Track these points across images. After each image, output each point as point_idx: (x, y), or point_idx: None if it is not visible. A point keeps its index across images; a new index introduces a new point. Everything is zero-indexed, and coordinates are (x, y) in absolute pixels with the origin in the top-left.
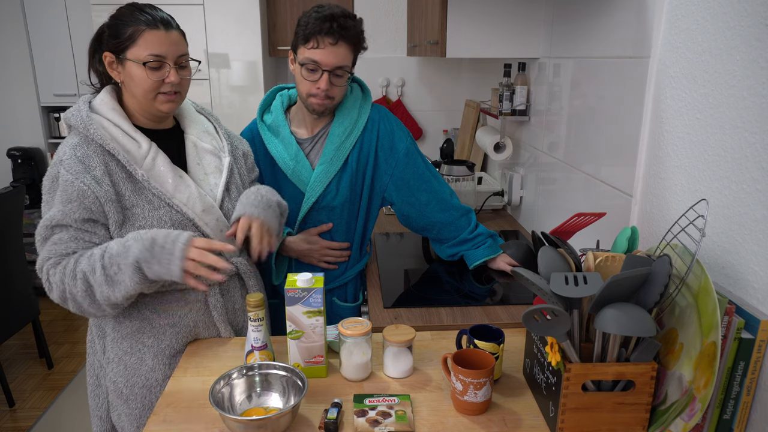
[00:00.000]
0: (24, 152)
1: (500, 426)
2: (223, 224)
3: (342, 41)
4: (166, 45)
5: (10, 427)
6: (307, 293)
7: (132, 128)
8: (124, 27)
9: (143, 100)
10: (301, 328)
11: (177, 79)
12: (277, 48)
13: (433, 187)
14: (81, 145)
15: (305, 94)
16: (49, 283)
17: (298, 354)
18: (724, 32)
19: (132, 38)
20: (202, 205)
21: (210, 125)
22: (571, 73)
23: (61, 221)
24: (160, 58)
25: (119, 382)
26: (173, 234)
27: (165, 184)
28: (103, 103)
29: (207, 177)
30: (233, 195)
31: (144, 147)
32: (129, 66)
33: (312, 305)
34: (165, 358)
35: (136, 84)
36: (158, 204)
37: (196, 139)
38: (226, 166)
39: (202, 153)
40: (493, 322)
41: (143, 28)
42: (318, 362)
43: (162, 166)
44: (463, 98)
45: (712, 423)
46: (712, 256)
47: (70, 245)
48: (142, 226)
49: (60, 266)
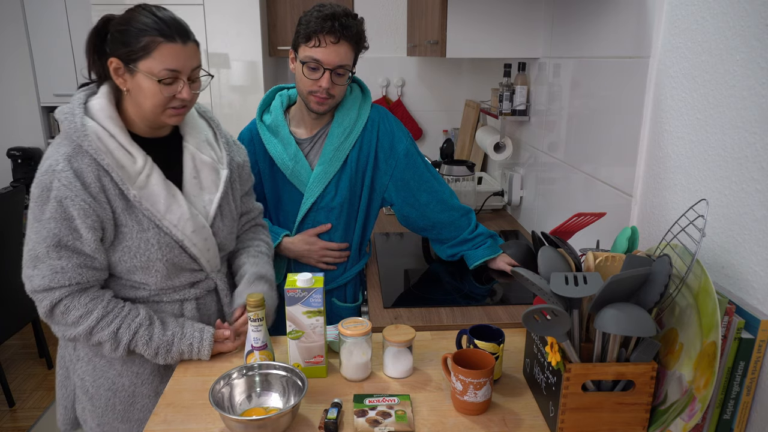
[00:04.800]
0: (24, 152)
1: (500, 426)
2: (211, 243)
3: (343, 40)
4: (182, 59)
5: (10, 427)
6: (307, 293)
7: (128, 140)
8: (137, 35)
9: (150, 113)
10: (301, 328)
11: (190, 95)
12: (277, 48)
13: (433, 188)
14: (75, 157)
15: (306, 92)
16: (56, 314)
17: (298, 354)
18: (724, 32)
19: (147, 50)
20: (192, 226)
21: (210, 132)
22: (571, 73)
23: (61, 241)
24: (174, 73)
25: (86, 380)
26: (195, 349)
27: (157, 204)
28: (100, 110)
29: (202, 193)
30: (225, 212)
31: (139, 163)
32: (139, 78)
33: (312, 305)
34: (134, 366)
35: (145, 97)
36: (147, 225)
37: (195, 150)
38: (223, 181)
39: (200, 166)
40: (493, 322)
41: (160, 39)
42: (318, 362)
43: (156, 185)
44: (463, 98)
45: (712, 423)
46: (712, 256)
47: (75, 276)
48: (128, 247)
49: (83, 305)
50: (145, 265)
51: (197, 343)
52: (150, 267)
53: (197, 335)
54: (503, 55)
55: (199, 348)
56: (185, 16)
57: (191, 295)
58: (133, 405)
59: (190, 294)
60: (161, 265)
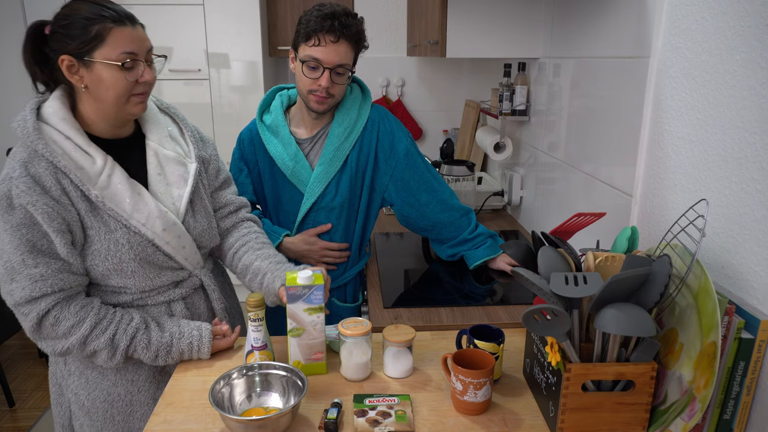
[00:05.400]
0: None
1: (500, 426)
2: (186, 240)
3: (343, 39)
4: (137, 41)
5: (10, 427)
6: (308, 290)
7: (86, 141)
8: (85, 26)
9: (113, 104)
10: (301, 326)
11: (152, 77)
12: (277, 48)
13: (433, 188)
14: (32, 162)
15: (305, 92)
16: (45, 327)
17: (298, 351)
18: (724, 32)
19: (99, 38)
20: (162, 223)
21: (175, 127)
22: (571, 73)
23: (35, 246)
24: (132, 56)
25: (81, 395)
26: (195, 348)
27: (122, 203)
28: (53, 113)
29: (169, 188)
30: (197, 208)
31: (99, 163)
32: (98, 69)
33: (313, 302)
34: (128, 374)
35: (107, 87)
36: (114, 226)
37: (158, 146)
38: (192, 174)
39: (164, 162)
40: (493, 322)
41: (110, 25)
42: (318, 359)
43: (119, 184)
44: (463, 98)
45: (712, 423)
46: (712, 256)
47: (57, 282)
48: (98, 250)
49: (73, 314)
50: (118, 267)
51: (197, 342)
52: (124, 269)
53: (196, 333)
54: (503, 55)
55: (199, 346)
56: (185, 16)
57: (177, 295)
58: (131, 414)
59: (175, 294)
60: (135, 264)
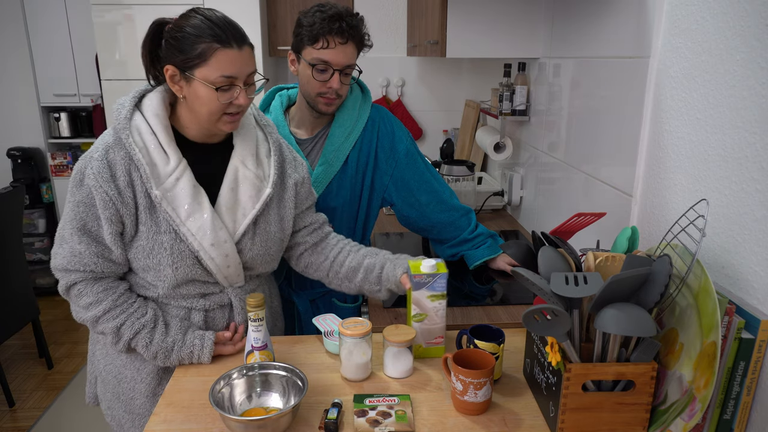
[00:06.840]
0: (24, 152)
1: (500, 426)
2: (233, 261)
3: (351, 40)
4: (239, 65)
5: (10, 427)
6: (431, 278)
7: (168, 140)
8: (193, 42)
9: (206, 119)
10: (424, 311)
11: (246, 101)
12: (277, 48)
13: (433, 188)
14: (113, 148)
15: (314, 94)
16: (71, 294)
17: (420, 336)
18: (724, 32)
19: (203, 57)
20: (212, 238)
21: (264, 146)
22: (571, 73)
23: (85, 226)
24: (231, 80)
25: (100, 363)
26: (195, 356)
27: (179, 208)
28: (150, 106)
29: (236, 206)
30: (259, 231)
31: (172, 164)
32: (195, 85)
33: (436, 289)
34: (136, 362)
35: (201, 103)
36: (165, 228)
37: (239, 163)
38: (262, 199)
39: (241, 179)
40: (493, 322)
41: (216, 46)
42: (438, 343)
43: (183, 189)
44: (463, 98)
45: (712, 423)
46: (712, 256)
47: (90, 263)
48: (142, 246)
49: (94, 294)
50: (156, 267)
51: (198, 351)
52: (160, 270)
53: (197, 342)
54: (503, 55)
55: (200, 355)
56: None
57: (200, 306)
58: (133, 400)
59: (198, 304)
60: (170, 271)
